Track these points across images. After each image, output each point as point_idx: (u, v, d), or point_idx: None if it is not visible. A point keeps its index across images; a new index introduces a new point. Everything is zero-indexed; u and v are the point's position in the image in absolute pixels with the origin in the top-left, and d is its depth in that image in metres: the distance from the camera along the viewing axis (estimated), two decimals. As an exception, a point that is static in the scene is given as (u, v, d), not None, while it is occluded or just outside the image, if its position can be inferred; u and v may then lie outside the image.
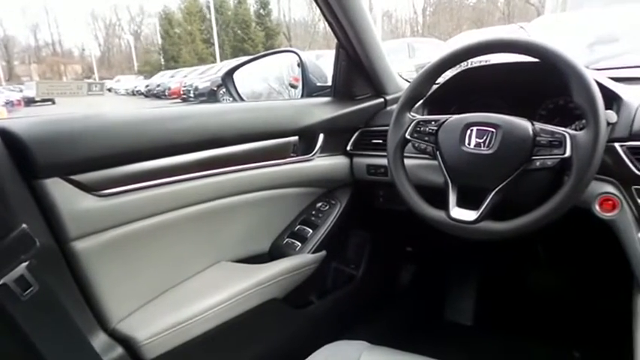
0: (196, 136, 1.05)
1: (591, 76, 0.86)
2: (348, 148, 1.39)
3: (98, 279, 0.90)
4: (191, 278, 1.10)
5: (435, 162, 1.02)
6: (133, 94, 22.80)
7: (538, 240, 1.60)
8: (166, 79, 19.76)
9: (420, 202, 1.02)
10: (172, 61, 33.18)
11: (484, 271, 1.80)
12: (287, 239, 1.31)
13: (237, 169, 1.13)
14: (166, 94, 17.41)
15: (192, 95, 14.22)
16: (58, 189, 0.83)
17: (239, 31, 32.64)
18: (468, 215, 0.93)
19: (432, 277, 1.82)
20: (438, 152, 1.00)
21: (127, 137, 0.93)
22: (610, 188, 0.95)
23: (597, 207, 0.96)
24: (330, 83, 1.41)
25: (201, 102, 13.26)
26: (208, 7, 30.44)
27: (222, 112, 1.15)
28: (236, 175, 1.13)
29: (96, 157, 0.88)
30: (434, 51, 9.53)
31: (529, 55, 0.92)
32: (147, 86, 21.08)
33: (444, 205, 0.98)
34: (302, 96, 1.45)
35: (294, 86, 1.64)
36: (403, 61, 8.41)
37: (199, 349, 1.00)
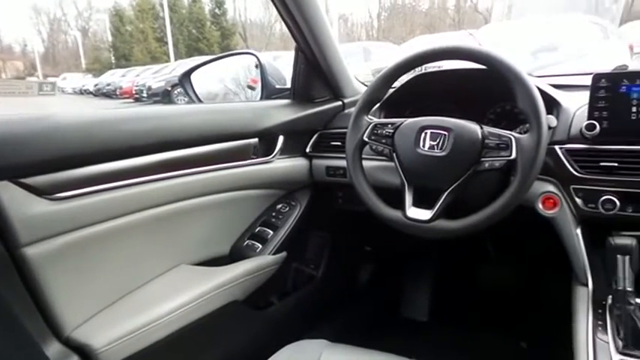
0: (154, 138, 1.04)
1: (533, 83, 0.92)
2: (308, 150, 1.41)
3: (51, 286, 0.88)
4: (150, 282, 1.08)
5: (391, 164, 1.05)
6: (81, 93, 21.78)
7: (487, 237, 1.68)
8: (117, 77, 19.00)
9: (378, 203, 1.05)
10: (124, 59, 32.07)
11: (438, 269, 1.86)
12: (247, 241, 1.32)
13: (196, 172, 1.12)
14: (117, 93, 16.74)
15: (145, 95, 13.78)
16: (7, 193, 0.80)
17: (194, 30, 32.00)
18: (423, 214, 0.97)
19: (389, 275, 1.87)
20: (394, 154, 1.04)
21: (81, 139, 0.91)
22: (551, 188, 1.02)
23: (540, 205, 1.03)
24: (288, 86, 1.43)
25: (155, 102, 12.89)
26: (161, 5, 29.67)
27: (181, 113, 1.14)
28: (196, 178, 1.12)
29: (48, 160, 0.86)
30: (389, 55, 9.73)
31: (477, 62, 0.97)
32: (96, 85, 20.19)
33: (400, 205, 1.01)
34: (261, 98, 1.46)
35: (252, 88, 1.64)
36: (359, 64, 8.53)
37: (160, 355, 0.99)
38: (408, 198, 1.00)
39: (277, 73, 1.51)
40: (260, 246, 1.30)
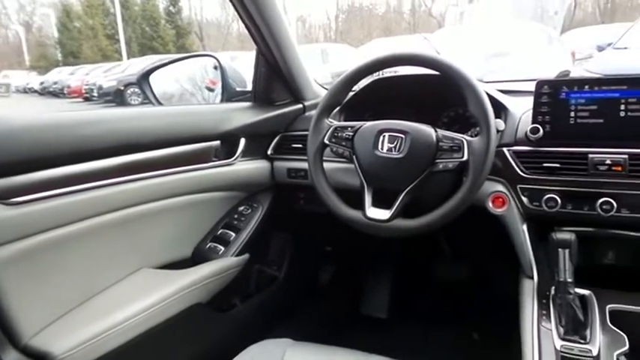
0: (113, 142, 1.02)
1: (483, 89, 0.98)
2: (269, 152, 1.42)
3: (8, 292, 0.85)
4: (111, 287, 1.07)
5: (351, 165, 1.08)
6: (25, 92, 20.64)
7: (442, 235, 1.75)
8: (65, 75, 18.13)
9: (339, 204, 1.08)
10: (72, 56, 30.67)
11: (397, 267, 1.92)
12: (210, 243, 1.32)
13: (157, 174, 1.11)
14: (65, 92, 15.99)
15: (95, 95, 13.25)
16: None
17: (147, 28, 31.07)
18: (382, 214, 1.01)
19: (350, 274, 1.91)
20: (354, 156, 1.07)
21: (36, 142, 0.89)
22: (500, 187, 1.09)
23: (490, 204, 1.10)
24: (249, 88, 1.44)
25: (106, 102, 12.43)
26: (112, 1, 28.63)
27: (141, 116, 1.13)
28: (157, 181, 1.11)
29: (1, 164, 0.84)
30: (346, 57, 9.84)
31: (431, 69, 1.03)
32: (42, 83, 19.19)
33: (360, 206, 1.04)
34: (222, 101, 1.46)
35: (210, 89, 1.63)
36: (317, 66, 8.58)
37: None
38: (368, 198, 1.04)
39: (238, 76, 1.51)
40: (222, 248, 1.31)
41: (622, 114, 0.99)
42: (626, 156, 0.96)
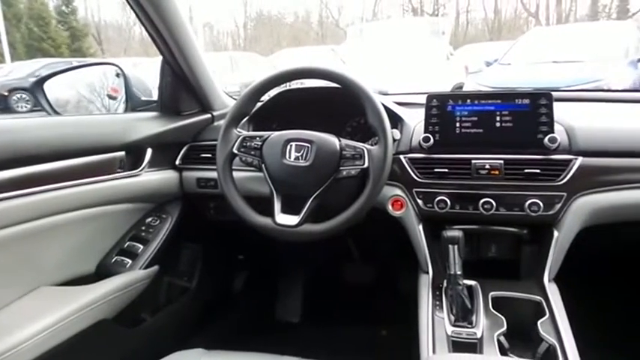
0: (8, 154, 0.96)
1: (380, 101, 1.07)
2: (177, 162, 1.41)
3: None
4: (6, 308, 0.99)
5: (261, 174, 1.12)
6: None
7: (350, 238, 1.84)
8: None
9: (249, 211, 1.11)
10: (-58, 59, 27.20)
11: (309, 271, 1.98)
12: (116, 257, 1.27)
13: (57, 187, 1.06)
14: None
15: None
16: None
17: (35, 29, 28.45)
18: (291, 220, 1.06)
19: (263, 281, 1.93)
20: (263, 165, 1.11)
21: None
22: (398, 191, 1.19)
23: (390, 207, 1.19)
24: (155, 97, 1.42)
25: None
26: (-8, -2, 25.82)
27: (38, 126, 1.07)
28: (56, 194, 1.06)
29: None
30: (256, 65, 9.85)
31: (333, 82, 1.10)
32: None
33: (270, 213, 1.08)
34: (126, 110, 1.42)
35: (112, 97, 1.57)
36: (226, 75, 8.50)
37: None
38: (277, 205, 1.08)
39: (142, 85, 1.48)
40: (130, 261, 1.27)
41: (497, 124, 1.14)
42: (502, 161, 1.11)
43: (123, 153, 1.24)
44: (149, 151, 1.30)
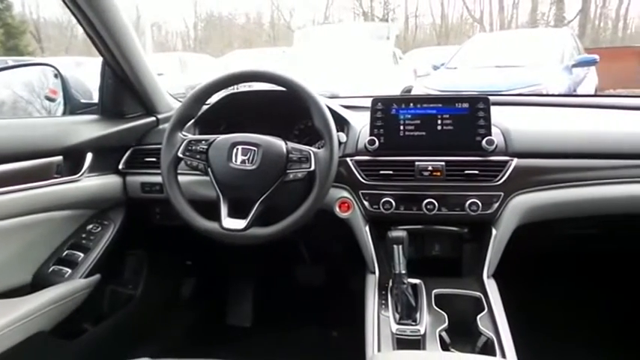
0: None
1: (325, 104, 1.09)
2: (120, 166, 1.36)
3: None
4: None
5: (207, 178, 1.11)
6: None
7: (301, 241, 1.85)
8: None
9: (195, 216, 1.09)
10: None
11: (260, 275, 1.97)
12: (54, 266, 1.21)
13: None
14: None
15: None
16: None
17: (-37, 25, 26.62)
18: (238, 224, 1.05)
19: (213, 286, 1.90)
20: (209, 169, 1.09)
21: None
22: (345, 193, 1.21)
23: (337, 209, 1.21)
24: (96, 100, 1.37)
25: None
26: None
27: None
28: None
29: None
30: (207, 67, 9.68)
31: (279, 85, 1.11)
32: None
33: (217, 217, 1.07)
34: (64, 113, 1.36)
35: (50, 99, 1.50)
36: (175, 76, 8.29)
37: None
38: (224, 209, 1.07)
39: (81, 86, 1.42)
40: (69, 270, 1.21)
41: (439, 127, 1.18)
42: (443, 163, 1.15)
43: (60, 158, 1.19)
44: (89, 156, 1.25)
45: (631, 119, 1.34)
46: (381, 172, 1.17)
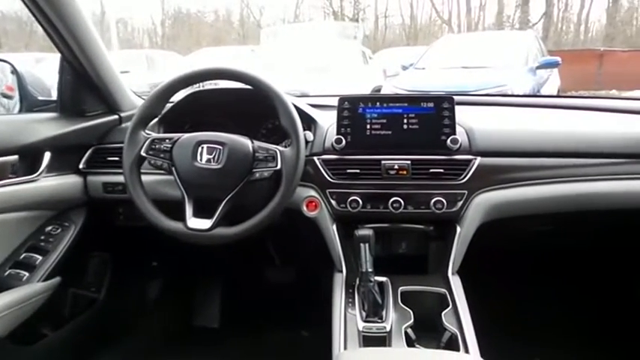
0: None
1: (292, 103, 1.08)
2: (81, 166, 1.32)
3: None
4: None
5: (171, 177, 1.09)
6: None
7: (269, 241, 1.84)
8: None
9: (159, 216, 1.07)
10: None
11: (228, 276, 1.95)
12: (9, 270, 1.17)
13: None
14: None
15: None
16: None
17: None
18: (203, 224, 1.04)
19: (179, 287, 1.87)
20: (173, 168, 1.07)
21: None
22: (312, 192, 1.20)
23: (305, 208, 1.20)
24: (55, 97, 1.32)
25: None
26: None
27: None
28: None
29: None
30: (175, 65, 9.50)
31: (244, 83, 1.10)
32: None
33: (182, 217, 1.05)
34: (21, 111, 1.31)
35: (7, 96, 1.44)
36: (142, 74, 8.11)
37: None
38: (189, 209, 1.06)
39: (39, 83, 1.37)
40: (26, 274, 1.17)
41: (405, 127, 1.19)
42: (409, 161, 1.16)
43: (16, 157, 1.14)
44: (47, 155, 1.21)
45: (590, 120, 1.38)
46: (348, 170, 1.18)
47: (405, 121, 1.19)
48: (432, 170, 1.15)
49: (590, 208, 1.22)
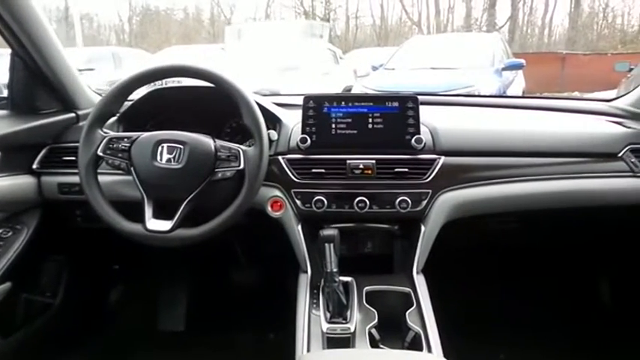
0: None
1: (255, 102, 1.06)
2: (35, 166, 1.27)
3: None
4: None
5: (130, 177, 1.05)
6: None
7: (235, 242, 1.80)
8: None
9: (117, 218, 1.04)
10: None
11: (193, 277, 1.90)
12: None
13: None
14: None
15: None
16: None
17: None
18: (164, 225, 1.01)
19: (143, 290, 1.82)
20: (132, 168, 1.04)
21: None
22: (277, 192, 1.18)
23: (269, 208, 1.18)
24: (5, 94, 1.26)
25: None
26: None
27: None
28: None
29: None
30: (142, 62, 9.29)
31: (206, 81, 1.07)
32: None
33: (141, 219, 1.02)
34: (-33, 108, 1.24)
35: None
36: (109, 72, 7.89)
37: None
38: (148, 210, 1.02)
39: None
40: None
41: (370, 126, 1.19)
42: (374, 161, 1.16)
43: None
44: None
45: (553, 120, 1.41)
46: (313, 170, 1.16)
47: (370, 120, 1.19)
48: (396, 170, 1.15)
49: (551, 206, 1.24)
